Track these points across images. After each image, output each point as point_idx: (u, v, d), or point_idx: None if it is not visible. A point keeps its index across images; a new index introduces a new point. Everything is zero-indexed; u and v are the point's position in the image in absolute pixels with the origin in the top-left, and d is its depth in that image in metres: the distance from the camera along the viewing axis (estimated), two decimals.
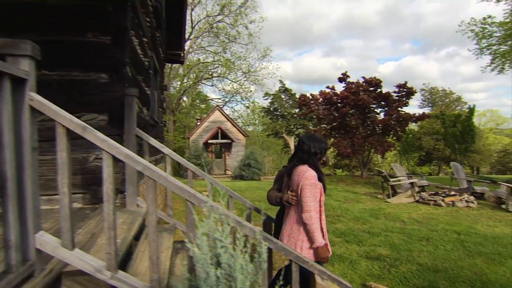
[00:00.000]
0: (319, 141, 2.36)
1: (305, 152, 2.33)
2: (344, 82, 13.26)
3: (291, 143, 28.96)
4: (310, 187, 2.21)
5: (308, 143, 2.33)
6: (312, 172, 2.24)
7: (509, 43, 13.45)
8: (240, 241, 1.37)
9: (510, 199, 7.66)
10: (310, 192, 2.21)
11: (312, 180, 2.22)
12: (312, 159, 2.30)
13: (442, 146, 25.38)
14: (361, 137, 12.72)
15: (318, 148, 2.32)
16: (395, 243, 5.55)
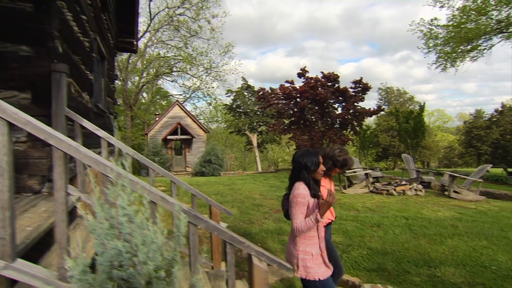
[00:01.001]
0: (308, 155, 2.39)
1: (296, 169, 2.41)
2: (303, 77, 13.45)
3: (254, 140, 29.01)
4: (296, 205, 2.30)
5: (298, 160, 2.40)
6: (300, 191, 2.30)
7: (451, 44, 14.51)
8: (146, 209, 1.19)
9: (451, 186, 8.21)
10: (295, 210, 2.30)
11: (299, 199, 2.29)
12: (303, 174, 2.35)
13: (397, 142, 26.87)
14: (320, 131, 13.00)
15: (309, 162, 2.36)
16: (348, 230, 5.66)
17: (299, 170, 2.37)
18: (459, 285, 3.82)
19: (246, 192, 8.69)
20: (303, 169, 2.35)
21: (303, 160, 2.36)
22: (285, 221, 6.22)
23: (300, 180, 2.36)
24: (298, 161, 2.38)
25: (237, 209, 7.07)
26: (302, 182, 2.34)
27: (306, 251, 2.37)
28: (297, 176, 2.39)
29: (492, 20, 14.23)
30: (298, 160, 2.39)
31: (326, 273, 2.40)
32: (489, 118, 37.80)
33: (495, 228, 5.63)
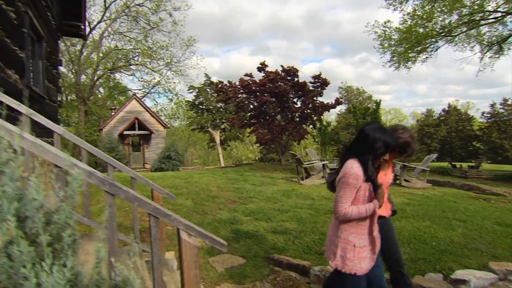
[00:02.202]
0: (382, 132, 1.94)
1: (359, 143, 1.98)
2: (263, 71, 13.44)
3: (217, 137, 28.61)
4: (345, 186, 1.91)
5: (368, 133, 1.94)
6: (353, 170, 1.89)
7: (403, 45, 15.31)
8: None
9: (402, 175, 8.60)
10: (344, 192, 1.92)
11: (350, 179, 1.89)
12: (365, 152, 1.92)
13: None
14: (279, 125, 13.06)
15: (380, 141, 1.91)
16: (303, 217, 5.64)
17: (362, 146, 1.93)
18: (403, 261, 3.90)
19: (202, 185, 8.44)
20: (368, 146, 1.91)
21: (375, 135, 1.91)
22: (239, 211, 6.10)
23: (356, 157, 1.94)
24: (368, 134, 1.93)
25: (192, 201, 6.82)
26: (357, 160, 1.92)
27: (349, 240, 2.01)
28: (355, 151, 1.96)
29: (438, 25, 15.23)
30: (369, 133, 1.93)
31: (366, 268, 2.04)
32: (438, 117, 40.64)
33: (438, 210, 5.92)
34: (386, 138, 1.91)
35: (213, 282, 3.79)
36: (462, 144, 37.73)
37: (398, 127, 2.41)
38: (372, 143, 1.90)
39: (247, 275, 3.94)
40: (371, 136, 1.91)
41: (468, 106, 46.66)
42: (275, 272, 4.10)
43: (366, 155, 1.91)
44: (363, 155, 1.91)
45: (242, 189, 7.90)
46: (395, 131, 2.31)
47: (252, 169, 11.93)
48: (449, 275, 3.39)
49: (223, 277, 3.88)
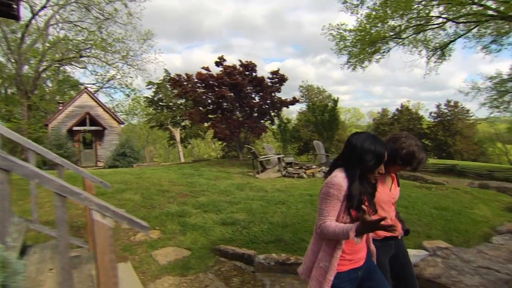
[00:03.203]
0: (373, 142, 1.67)
1: (347, 154, 1.71)
2: (221, 66, 13.23)
3: (177, 135, 27.85)
4: (326, 196, 1.65)
5: (355, 143, 1.68)
6: (337, 179, 1.64)
7: (358, 46, 15.93)
8: None
9: None
10: (325, 204, 1.65)
11: (331, 189, 1.62)
12: (353, 164, 1.67)
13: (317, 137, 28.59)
14: (238, 120, 12.94)
15: (369, 153, 1.64)
16: (253, 208, 5.57)
17: (350, 157, 1.68)
18: None
19: (154, 180, 8.08)
20: (356, 158, 1.65)
21: (363, 145, 1.65)
22: (189, 204, 5.90)
23: (344, 168, 1.69)
24: (355, 145, 1.67)
25: (140, 196, 6.49)
26: (344, 171, 1.68)
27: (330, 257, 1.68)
28: (343, 163, 1.72)
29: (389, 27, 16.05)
30: (356, 144, 1.67)
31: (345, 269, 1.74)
32: (392, 116, 43.01)
33: None
34: (377, 149, 1.64)
35: (153, 275, 3.58)
36: None
37: (401, 135, 2.02)
38: (360, 154, 1.65)
39: (191, 267, 3.78)
40: (358, 146, 1.66)
41: (418, 106, 49.80)
42: (221, 262, 3.99)
43: (354, 168, 1.66)
44: (351, 168, 1.66)
45: (195, 183, 7.68)
46: (397, 140, 1.99)
47: (209, 165, 11.70)
48: None
49: (165, 270, 3.68)
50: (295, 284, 3.39)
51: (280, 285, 3.40)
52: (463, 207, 5.89)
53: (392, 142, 1.99)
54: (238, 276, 3.61)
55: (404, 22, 15.42)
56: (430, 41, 18.05)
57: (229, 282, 3.49)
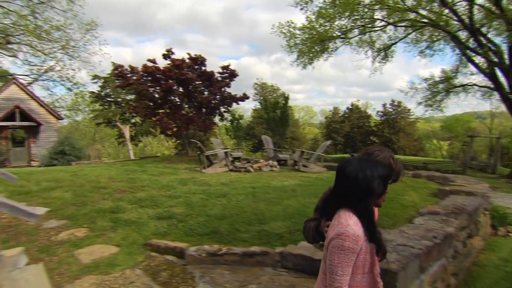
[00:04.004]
0: (374, 166, 1.40)
1: (347, 189, 1.39)
2: (169, 59, 12.71)
3: (127, 132, 26.43)
4: (340, 252, 1.32)
5: (355, 174, 1.36)
6: (351, 229, 1.32)
7: (307, 44, 16.37)
8: None
9: (300, 161, 9.08)
10: (339, 260, 1.32)
11: (346, 242, 1.31)
12: (362, 200, 1.37)
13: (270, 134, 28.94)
14: (186, 115, 12.54)
15: (376, 180, 1.36)
16: (193, 202, 5.40)
17: (355, 193, 1.37)
18: (281, 235, 3.99)
19: (92, 177, 7.50)
20: (363, 191, 1.35)
21: (366, 174, 1.35)
22: (125, 200, 5.55)
23: (351, 207, 1.38)
24: (357, 177, 1.36)
25: (72, 193, 5.98)
26: (353, 212, 1.37)
27: None
28: (347, 200, 1.40)
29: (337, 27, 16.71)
30: (357, 175, 1.36)
31: None
32: (343, 115, 45.07)
33: (325, 188, 6.31)
34: (380, 172, 1.39)
35: (73, 276, 3.27)
36: (362, 138, 42.56)
37: (374, 149, 1.82)
38: (367, 185, 1.35)
39: (117, 264, 3.53)
40: (361, 178, 1.35)
41: (367, 105, 52.68)
42: (151, 257, 3.77)
43: (364, 203, 1.38)
44: (360, 204, 1.38)
45: (136, 179, 7.28)
46: (371, 154, 1.78)
47: (156, 161, 11.21)
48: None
49: (88, 270, 3.39)
50: (225, 275, 3.30)
51: (210, 276, 3.28)
52: (395, 194, 6.24)
53: (367, 156, 1.80)
54: (167, 270, 3.43)
55: (350, 23, 16.14)
56: (375, 43, 19.16)
57: (156, 277, 3.30)
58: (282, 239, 3.87)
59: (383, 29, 17.39)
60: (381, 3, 16.00)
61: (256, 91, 37.04)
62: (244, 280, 3.19)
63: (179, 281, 3.21)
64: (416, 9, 16.19)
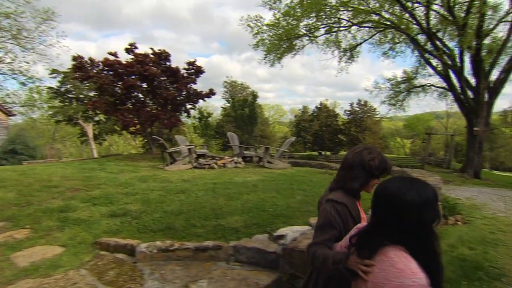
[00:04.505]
0: (426, 187, 1.13)
1: (401, 224, 1.10)
2: (132, 53, 12.21)
3: (90, 130, 25.22)
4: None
5: (410, 202, 1.07)
6: (420, 280, 1.01)
7: (275, 41, 16.43)
8: None
9: (265, 157, 9.08)
10: None
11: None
12: (415, 234, 1.09)
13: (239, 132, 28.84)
14: (149, 111, 12.11)
15: (431, 206, 1.09)
16: (150, 198, 5.21)
17: (404, 227, 1.10)
18: (238, 229, 3.93)
19: (43, 176, 7.04)
20: (414, 222, 1.08)
21: (416, 201, 1.08)
22: (77, 199, 5.24)
23: (401, 244, 1.11)
24: (408, 204, 1.08)
25: (16, 193, 5.56)
26: (405, 251, 1.10)
27: None
28: (396, 235, 1.11)
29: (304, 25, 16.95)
30: (406, 203, 1.08)
31: None
32: (312, 113, 45.95)
33: (287, 183, 6.37)
34: (429, 194, 1.11)
35: (5, 282, 3.00)
36: (330, 137, 43.71)
37: (361, 147, 1.70)
38: (417, 216, 1.08)
39: (60, 265, 3.29)
40: (412, 204, 1.08)
41: (335, 104, 54.16)
42: (99, 256, 3.56)
43: (429, 238, 1.11)
44: (422, 239, 1.10)
45: (92, 177, 6.92)
46: (362, 153, 1.65)
47: (118, 159, 10.76)
48: (273, 233, 3.52)
49: (25, 273, 3.13)
50: (176, 270, 3.18)
51: (160, 272, 3.15)
52: None
53: (359, 159, 1.67)
54: (115, 268, 3.25)
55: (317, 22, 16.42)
56: (341, 43, 19.67)
57: (103, 277, 3.12)
58: (238, 233, 3.81)
59: (348, 29, 17.87)
60: (345, 5, 16.45)
61: (226, 89, 36.81)
62: (195, 275, 3.10)
63: (127, 279, 3.05)
64: (379, 12, 16.81)
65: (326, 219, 1.51)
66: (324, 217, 1.53)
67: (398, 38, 19.74)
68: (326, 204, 1.57)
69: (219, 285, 2.92)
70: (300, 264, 2.90)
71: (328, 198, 1.59)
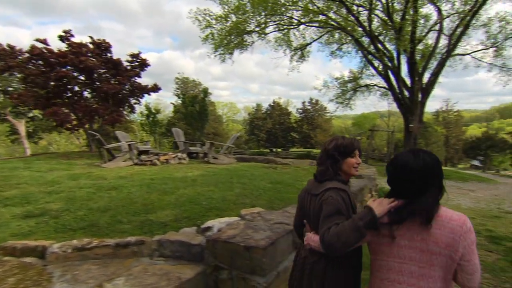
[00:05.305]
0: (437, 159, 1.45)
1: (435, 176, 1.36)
2: (67, 41, 11.23)
3: (22, 128, 22.87)
4: (474, 242, 1.30)
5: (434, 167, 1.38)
6: (462, 215, 1.31)
7: (225, 36, 16.29)
8: None
9: (210, 152, 8.93)
10: (475, 251, 1.29)
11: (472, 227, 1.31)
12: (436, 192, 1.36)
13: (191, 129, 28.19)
14: (87, 105, 11.26)
15: None
16: (76, 196, 4.81)
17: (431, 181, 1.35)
18: (167, 223, 3.77)
19: None
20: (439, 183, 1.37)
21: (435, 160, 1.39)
22: None
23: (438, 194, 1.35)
24: (433, 163, 1.37)
25: None
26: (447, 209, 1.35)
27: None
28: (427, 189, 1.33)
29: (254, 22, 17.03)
30: (434, 161, 1.37)
31: None
32: (265, 111, 46.53)
33: (227, 177, 6.29)
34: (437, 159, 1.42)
35: None
36: (283, 134, 44.64)
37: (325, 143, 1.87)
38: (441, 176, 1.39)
39: None
40: (436, 162, 1.39)
41: (288, 103, 55.46)
42: (1, 263, 3.17)
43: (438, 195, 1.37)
44: (441, 188, 1.38)
45: (12, 177, 6.23)
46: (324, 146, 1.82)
47: (50, 158, 9.86)
48: (200, 226, 3.42)
49: None
50: (92, 270, 2.93)
51: (72, 274, 2.87)
52: (295, 180, 6.54)
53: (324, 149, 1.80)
54: (18, 274, 2.89)
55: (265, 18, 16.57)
56: (292, 42, 20.13)
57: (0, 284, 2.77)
58: (166, 227, 3.65)
59: (296, 28, 18.31)
60: (295, 4, 16.85)
61: (178, 86, 35.77)
62: (113, 273, 2.88)
63: (30, 284, 2.73)
64: (326, 13, 17.48)
65: (335, 207, 1.51)
66: (332, 205, 1.52)
67: (345, 39, 20.73)
68: (330, 192, 1.57)
69: (138, 281, 2.73)
70: (224, 255, 2.83)
71: (330, 187, 1.60)
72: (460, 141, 43.60)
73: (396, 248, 1.33)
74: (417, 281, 1.29)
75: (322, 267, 1.61)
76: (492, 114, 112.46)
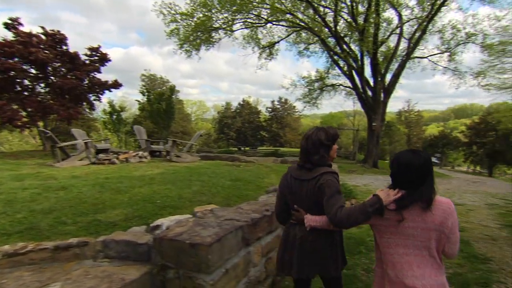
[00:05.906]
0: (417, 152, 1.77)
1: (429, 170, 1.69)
2: (14, 30, 10.40)
3: None
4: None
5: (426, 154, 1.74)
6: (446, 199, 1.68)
7: (190, 32, 16.00)
8: None
9: (172, 150, 8.71)
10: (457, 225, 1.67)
11: None
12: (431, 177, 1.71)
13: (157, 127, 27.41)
14: (38, 100, 10.50)
15: None
16: (17, 198, 4.46)
17: (430, 173, 1.68)
18: (116, 223, 3.60)
19: None
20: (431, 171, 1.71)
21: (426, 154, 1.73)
22: None
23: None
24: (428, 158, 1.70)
25: None
26: None
27: None
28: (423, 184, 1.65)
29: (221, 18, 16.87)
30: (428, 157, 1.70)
31: None
32: (235, 110, 46.40)
33: (187, 176, 6.15)
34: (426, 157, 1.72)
35: None
36: (252, 133, 44.78)
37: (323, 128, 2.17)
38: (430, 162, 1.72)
39: None
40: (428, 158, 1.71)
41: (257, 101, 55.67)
42: None
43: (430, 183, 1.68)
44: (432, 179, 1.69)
45: None
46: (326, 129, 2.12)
47: None
48: (149, 225, 3.29)
49: None
50: (24, 277, 2.70)
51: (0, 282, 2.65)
52: (256, 178, 6.53)
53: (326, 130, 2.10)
54: None
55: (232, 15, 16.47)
56: (261, 40, 20.19)
57: None
58: (115, 227, 3.48)
59: (263, 26, 18.38)
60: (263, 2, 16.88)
61: (144, 83, 34.66)
62: (49, 279, 2.67)
63: None
64: (294, 12, 17.69)
65: (335, 187, 1.85)
66: (333, 186, 1.85)
67: (312, 39, 21.11)
68: (326, 176, 1.88)
69: (76, 285, 2.55)
70: (170, 253, 2.73)
71: (324, 172, 1.90)
72: (421, 139, 46.07)
73: (401, 228, 1.64)
74: (420, 251, 1.63)
75: (322, 243, 1.97)
76: (448, 114, 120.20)
